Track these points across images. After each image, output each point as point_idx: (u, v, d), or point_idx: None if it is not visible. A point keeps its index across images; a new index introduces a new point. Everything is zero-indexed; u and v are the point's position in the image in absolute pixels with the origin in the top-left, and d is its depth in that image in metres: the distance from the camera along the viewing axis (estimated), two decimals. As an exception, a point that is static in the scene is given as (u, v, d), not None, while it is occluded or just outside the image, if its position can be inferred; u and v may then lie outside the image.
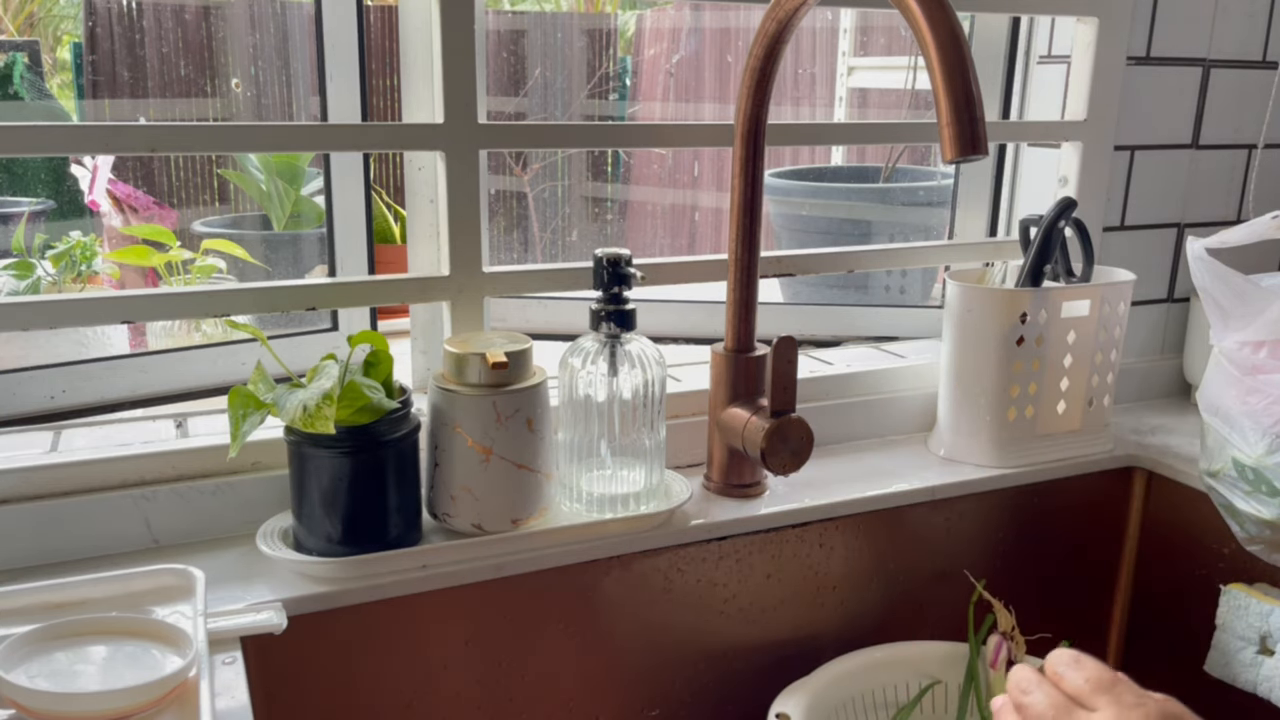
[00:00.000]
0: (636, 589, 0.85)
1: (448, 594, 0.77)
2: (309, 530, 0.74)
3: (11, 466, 0.75)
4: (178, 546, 0.79)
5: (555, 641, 0.83)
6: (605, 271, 0.80)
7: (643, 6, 3.73)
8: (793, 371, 0.82)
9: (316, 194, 1.76)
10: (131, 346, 1.27)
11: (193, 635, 0.62)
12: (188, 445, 0.80)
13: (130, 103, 2.18)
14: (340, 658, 0.76)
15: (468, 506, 0.76)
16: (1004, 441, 0.97)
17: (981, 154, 0.64)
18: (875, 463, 0.98)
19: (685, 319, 1.23)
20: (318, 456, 0.72)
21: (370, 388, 0.71)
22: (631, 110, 3.45)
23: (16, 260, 1.45)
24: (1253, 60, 1.14)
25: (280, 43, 1.98)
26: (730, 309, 0.88)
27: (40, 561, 0.75)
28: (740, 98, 0.84)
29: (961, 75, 0.64)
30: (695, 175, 3.42)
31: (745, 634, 0.90)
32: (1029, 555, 1.02)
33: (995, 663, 0.87)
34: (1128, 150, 1.11)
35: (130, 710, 0.57)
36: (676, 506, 0.84)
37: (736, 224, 0.86)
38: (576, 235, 3.26)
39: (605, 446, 0.81)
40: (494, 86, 3.12)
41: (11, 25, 2.95)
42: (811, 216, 1.76)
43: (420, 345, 0.94)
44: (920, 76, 1.97)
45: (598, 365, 0.80)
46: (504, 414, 0.75)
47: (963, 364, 0.96)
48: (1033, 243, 0.97)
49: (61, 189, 1.88)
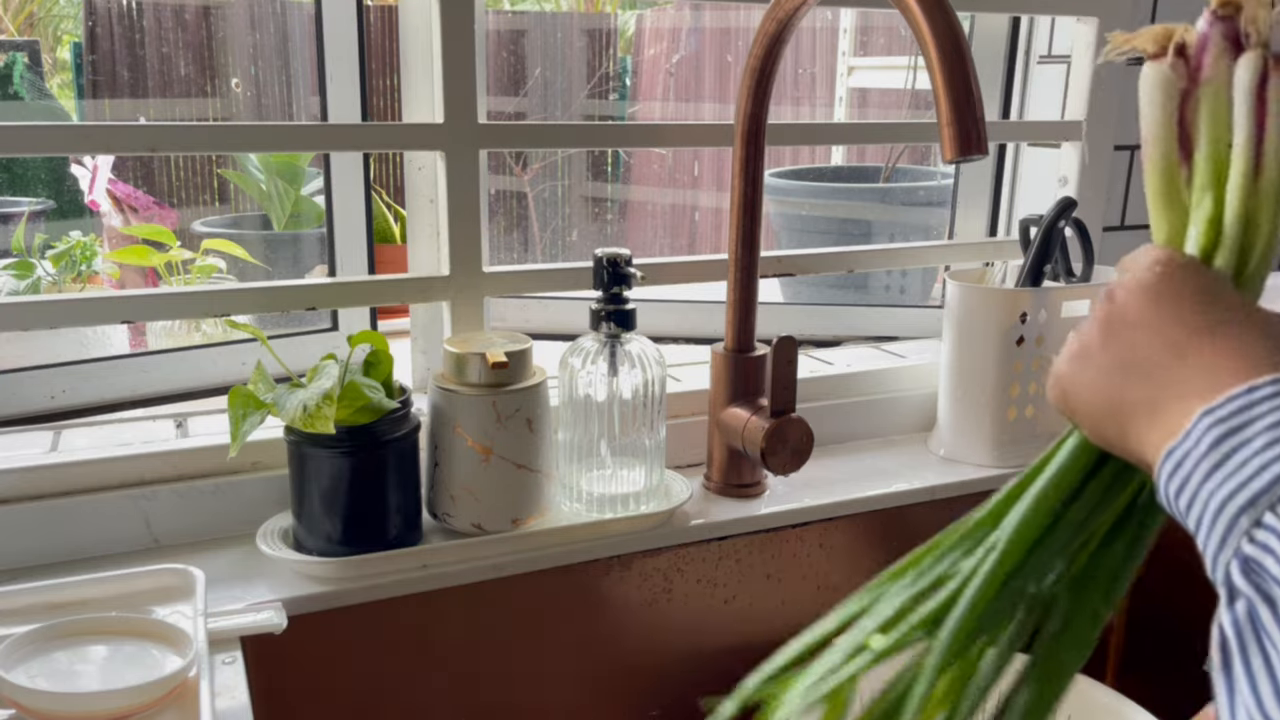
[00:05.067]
0: (636, 589, 0.85)
1: (448, 594, 0.77)
2: (309, 530, 0.74)
3: (11, 466, 0.75)
4: (178, 546, 0.79)
5: (555, 641, 0.83)
6: (605, 271, 0.80)
7: (643, 6, 3.73)
8: (793, 371, 0.82)
9: (316, 194, 1.76)
10: (131, 346, 1.27)
11: (193, 635, 0.62)
12: (188, 445, 0.80)
13: (130, 103, 2.18)
14: (340, 658, 0.76)
15: (468, 506, 0.76)
16: (1004, 441, 0.97)
17: (981, 154, 0.64)
18: (875, 463, 0.98)
19: (685, 319, 1.23)
20: (318, 456, 0.72)
21: (370, 388, 0.71)
22: (631, 110, 3.45)
23: (16, 260, 1.45)
24: (1253, 60, 1.14)
25: (280, 43, 1.97)
26: (730, 309, 0.88)
27: (40, 561, 0.75)
28: (740, 98, 0.84)
29: (961, 75, 0.64)
30: (695, 175, 3.42)
31: (745, 634, 0.90)
32: (1029, 555, 1.02)
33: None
34: (1128, 150, 1.11)
35: (130, 710, 0.57)
36: (676, 506, 0.84)
37: (736, 224, 0.86)
38: (576, 235, 3.26)
39: (605, 446, 0.81)
40: (494, 86, 3.12)
41: (11, 25, 2.95)
42: (811, 216, 1.76)
43: (420, 345, 0.94)
44: (920, 76, 1.97)
45: (598, 365, 0.80)
46: (504, 414, 0.75)
47: (963, 364, 0.96)
48: (1033, 243, 0.97)
49: (61, 189, 1.88)
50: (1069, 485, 0.44)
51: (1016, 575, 0.43)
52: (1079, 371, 0.44)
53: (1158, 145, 0.44)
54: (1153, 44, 0.44)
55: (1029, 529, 0.43)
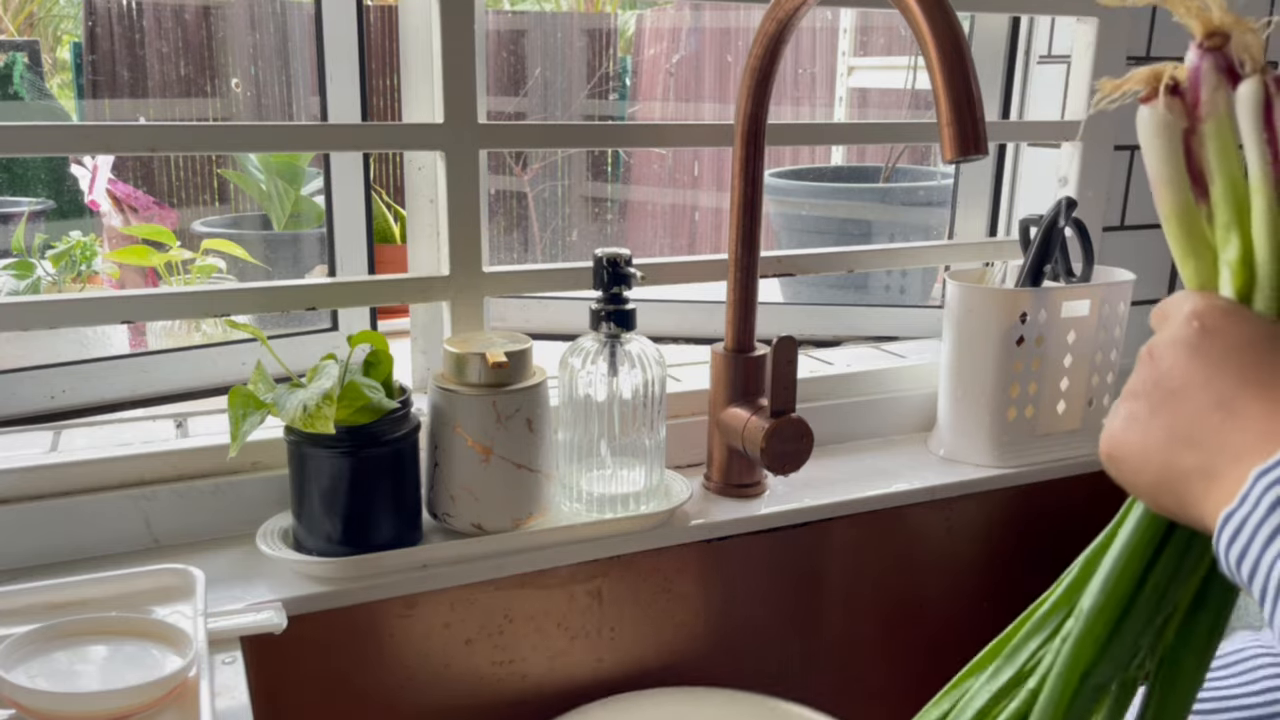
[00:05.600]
0: (636, 589, 0.85)
1: (448, 594, 0.77)
2: (309, 530, 0.74)
3: (11, 466, 0.75)
4: (178, 546, 0.79)
5: (555, 641, 0.83)
6: (605, 271, 0.80)
7: (643, 6, 3.73)
8: (793, 371, 0.82)
9: (316, 194, 1.76)
10: (131, 346, 1.27)
11: (193, 635, 0.62)
12: (188, 445, 0.80)
13: (130, 103, 2.18)
14: (341, 658, 0.76)
15: (468, 506, 0.76)
16: (1004, 441, 0.97)
17: (981, 154, 0.64)
18: (875, 462, 0.98)
19: (685, 319, 1.23)
20: (318, 456, 0.72)
21: (370, 388, 0.71)
22: (631, 110, 3.45)
23: (16, 260, 1.45)
24: (1253, 60, 1.14)
25: (280, 43, 1.97)
26: (730, 309, 0.88)
27: (40, 561, 0.75)
28: (740, 98, 0.84)
29: (961, 75, 0.64)
30: (695, 175, 3.42)
31: (745, 633, 0.90)
32: (1029, 555, 1.02)
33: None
34: (1128, 150, 1.11)
35: (130, 710, 0.57)
36: (676, 506, 0.84)
37: (736, 224, 0.86)
38: (576, 235, 3.26)
39: (605, 446, 0.81)
40: (494, 86, 3.12)
41: (11, 25, 2.95)
42: (811, 216, 1.76)
43: (420, 345, 0.94)
44: (920, 76, 1.97)
45: (598, 365, 0.80)
46: (504, 414, 0.75)
47: (963, 364, 0.96)
48: (1033, 243, 0.97)
49: (61, 189, 1.88)
50: (1140, 562, 0.42)
51: (1096, 666, 0.41)
52: (1129, 444, 0.42)
53: (1169, 189, 0.42)
54: (1142, 86, 0.42)
55: (1104, 615, 0.41)
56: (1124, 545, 0.42)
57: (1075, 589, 0.43)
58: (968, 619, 1.00)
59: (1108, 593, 0.41)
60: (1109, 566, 0.42)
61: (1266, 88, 0.39)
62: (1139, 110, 0.43)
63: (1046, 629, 0.43)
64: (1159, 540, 0.42)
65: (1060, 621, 0.43)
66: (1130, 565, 0.42)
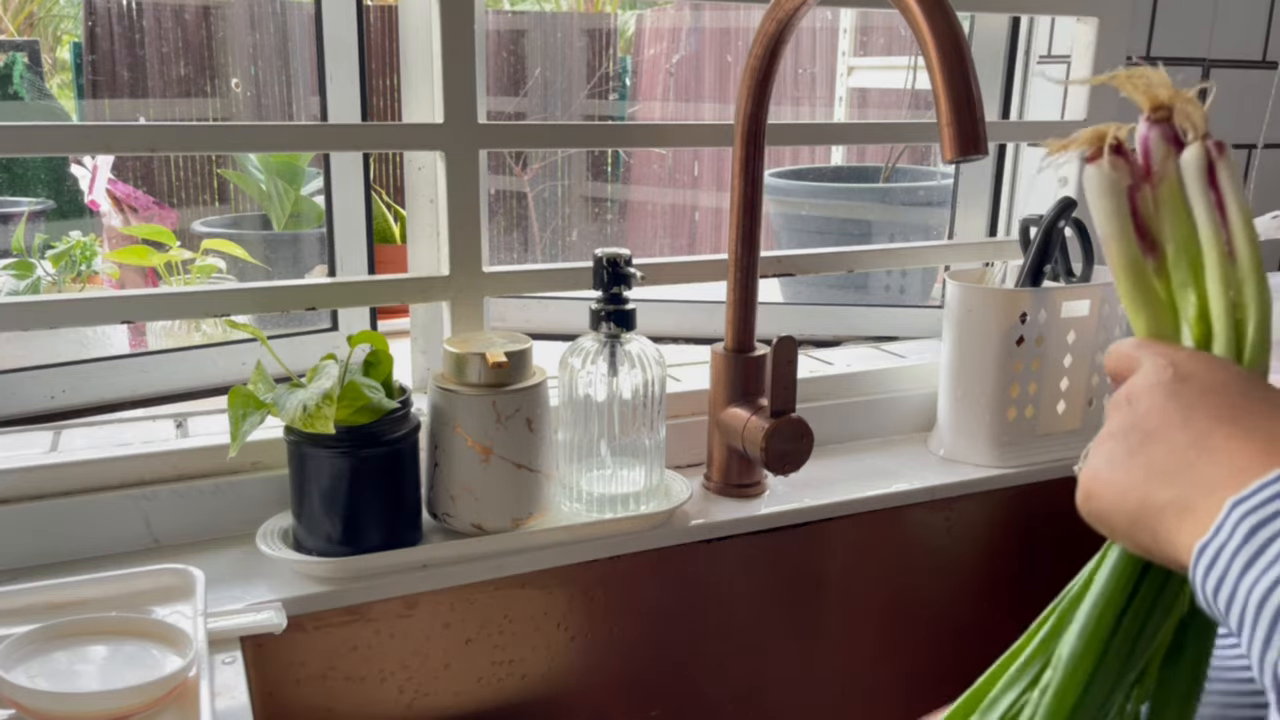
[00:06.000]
0: (636, 589, 0.85)
1: (448, 594, 0.77)
2: (309, 530, 0.74)
3: (11, 466, 0.75)
4: (178, 546, 0.79)
5: (555, 641, 0.83)
6: (605, 271, 0.80)
7: (643, 6, 3.73)
8: (793, 371, 0.82)
9: (316, 194, 1.76)
10: (131, 346, 1.27)
11: (192, 635, 0.62)
12: (188, 445, 0.80)
13: (130, 103, 2.18)
14: (341, 657, 0.76)
15: (468, 506, 0.76)
16: (1004, 441, 0.97)
17: (981, 154, 0.64)
18: (875, 463, 0.98)
19: (685, 319, 1.23)
20: (318, 456, 0.72)
21: (370, 388, 0.71)
22: (631, 110, 3.45)
23: (16, 260, 1.45)
24: (1252, 60, 1.14)
25: (280, 43, 1.97)
26: (730, 309, 0.88)
27: (40, 561, 0.75)
28: (740, 98, 0.84)
29: (961, 75, 0.64)
30: (695, 175, 3.42)
31: (745, 633, 0.90)
32: (1029, 555, 1.02)
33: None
34: (1128, 150, 1.11)
35: (130, 710, 0.57)
36: (676, 506, 0.84)
37: (736, 224, 0.86)
38: (576, 235, 3.26)
39: (605, 446, 0.81)
40: (494, 86, 3.12)
41: (11, 25, 2.95)
42: (811, 216, 1.76)
43: (420, 345, 0.94)
44: (920, 76, 1.97)
45: (598, 365, 0.80)
46: (504, 414, 0.75)
47: (962, 364, 0.96)
48: (1033, 243, 0.97)
49: (61, 189, 1.88)
50: (1118, 607, 0.42)
51: (1076, 716, 0.41)
52: (1108, 482, 0.42)
53: (1118, 243, 0.45)
54: (1088, 146, 0.45)
55: (1084, 663, 0.41)
56: (1101, 590, 0.43)
57: (1051, 638, 0.44)
58: (968, 619, 1.00)
59: (1085, 640, 0.42)
60: (1086, 613, 0.42)
61: (1208, 152, 0.43)
62: (1085, 169, 0.45)
63: (1024, 679, 0.44)
64: (1135, 584, 0.43)
65: (1038, 672, 0.43)
66: (1108, 611, 0.42)
